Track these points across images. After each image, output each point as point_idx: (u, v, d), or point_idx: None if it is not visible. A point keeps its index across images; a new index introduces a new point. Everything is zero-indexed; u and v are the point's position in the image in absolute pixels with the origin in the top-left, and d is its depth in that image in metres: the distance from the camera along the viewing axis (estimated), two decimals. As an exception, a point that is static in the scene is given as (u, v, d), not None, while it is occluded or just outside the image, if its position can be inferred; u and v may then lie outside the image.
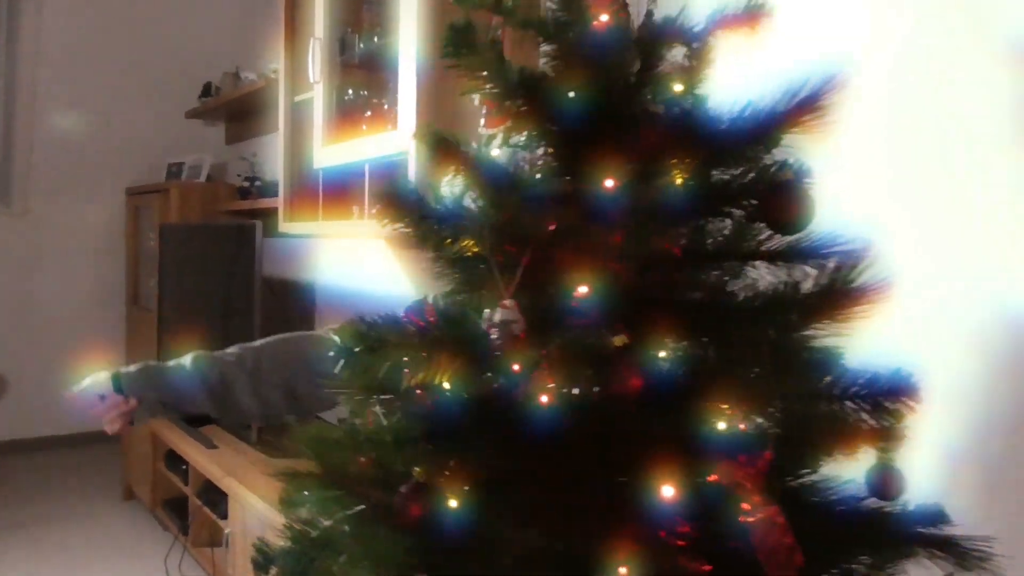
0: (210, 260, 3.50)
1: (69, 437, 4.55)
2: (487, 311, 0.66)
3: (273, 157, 3.89)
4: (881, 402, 0.66)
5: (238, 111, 4.17)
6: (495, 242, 0.63)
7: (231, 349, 1.49)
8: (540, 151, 0.69)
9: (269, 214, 3.43)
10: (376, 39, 2.56)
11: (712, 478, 0.62)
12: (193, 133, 4.63)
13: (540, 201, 0.65)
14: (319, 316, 3.51)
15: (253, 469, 2.74)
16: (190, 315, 3.68)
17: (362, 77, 2.61)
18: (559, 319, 0.64)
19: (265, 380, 1.41)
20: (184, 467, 3.26)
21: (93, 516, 3.85)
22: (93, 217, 4.69)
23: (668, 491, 0.61)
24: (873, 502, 0.71)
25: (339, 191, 2.73)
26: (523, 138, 0.69)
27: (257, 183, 3.92)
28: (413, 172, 2.16)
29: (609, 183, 0.63)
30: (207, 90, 4.34)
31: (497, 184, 0.65)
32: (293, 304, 3.41)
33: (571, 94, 0.66)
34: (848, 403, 0.66)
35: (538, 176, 0.69)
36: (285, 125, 2.91)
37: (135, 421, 1.42)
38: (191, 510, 3.16)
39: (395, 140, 2.27)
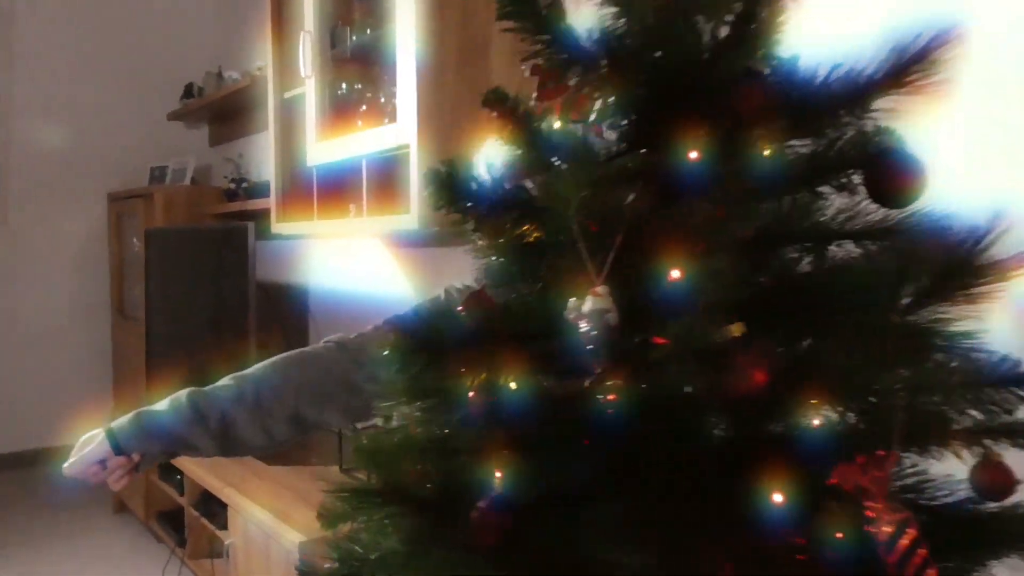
0: (199, 265, 3.41)
1: (54, 450, 4.43)
2: (572, 301, 0.59)
3: (260, 157, 3.81)
4: (994, 394, 0.60)
5: (222, 112, 4.08)
6: (582, 222, 0.57)
7: (225, 381, 1.38)
8: (616, 121, 0.62)
9: (259, 216, 3.34)
10: (369, 31, 2.49)
11: (831, 482, 0.56)
12: (175, 136, 4.53)
13: (629, 175, 0.58)
14: (313, 320, 3.43)
15: (253, 478, 2.66)
16: (179, 322, 3.59)
17: (355, 71, 2.53)
18: (658, 308, 0.57)
19: (268, 413, 1.31)
20: (179, 477, 3.17)
21: (84, 530, 3.74)
22: (73, 225, 4.57)
23: (783, 499, 0.54)
24: (981, 502, 0.65)
25: (334, 189, 2.65)
26: (595, 107, 0.62)
27: (244, 184, 3.83)
28: (415, 165, 2.09)
29: (700, 154, 0.56)
30: (189, 91, 4.24)
31: (580, 158, 0.58)
32: (287, 308, 3.33)
33: (657, 54, 0.59)
34: (967, 394, 0.60)
35: (619, 148, 0.62)
36: (275, 122, 2.83)
37: (139, 470, 1.32)
38: (187, 522, 3.08)
39: (394, 133, 2.20)
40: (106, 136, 4.52)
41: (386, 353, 0.65)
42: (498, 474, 0.58)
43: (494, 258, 0.69)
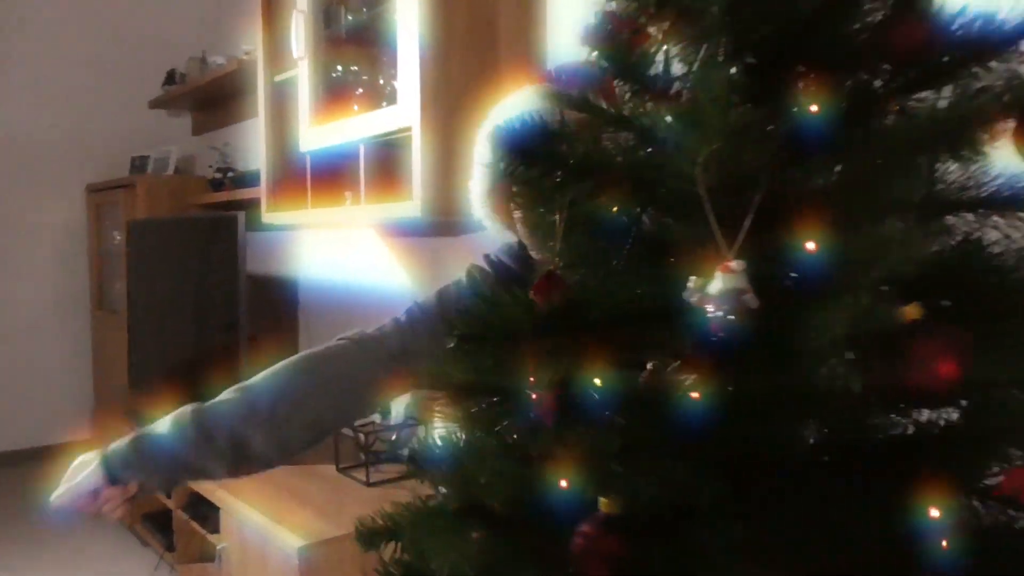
0: (185, 257, 3.27)
1: (33, 451, 4.27)
2: (693, 280, 0.49)
3: (247, 146, 3.68)
4: None
5: (206, 99, 3.93)
6: (710, 185, 0.46)
7: (230, 394, 1.21)
8: (730, 69, 0.52)
9: (246, 206, 3.21)
10: (365, 11, 2.37)
11: (1002, 491, 0.47)
12: (157, 124, 4.37)
13: (766, 126, 0.48)
14: (303, 313, 3.31)
15: (246, 479, 2.54)
16: (164, 316, 3.45)
17: (351, 52, 2.41)
18: (806, 287, 0.47)
19: (285, 423, 1.15)
20: (166, 479, 3.05)
21: (63, 534, 3.60)
22: (51, 217, 4.41)
23: (944, 510, 0.45)
24: None
25: (328, 176, 2.54)
26: (702, 52, 0.52)
27: (231, 174, 3.70)
28: (418, 149, 1.98)
29: (837, 105, 0.47)
30: (171, 78, 4.09)
31: (713, 100, 0.48)
32: (278, 301, 3.21)
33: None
34: None
35: (738, 99, 0.52)
36: (265, 107, 2.70)
37: (137, 499, 1.18)
38: (176, 525, 2.95)
39: (394, 116, 2.09)
40: (85, 125, 4.36)
41: (452, 346, 0.55)
42: (601, 492, 0.48)
43: (558, 234, 0.58)
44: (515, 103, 1.12)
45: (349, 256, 2.96)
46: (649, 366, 0.52)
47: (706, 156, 0.46)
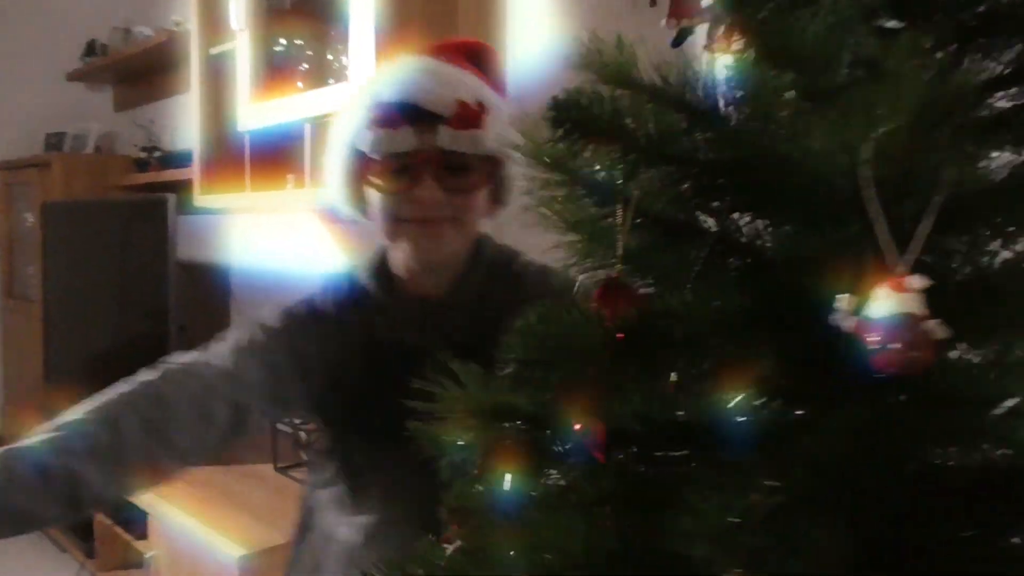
0: (108, 242, 3.05)
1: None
2: (845, 299, 0.39)
3: (176, 124, 3.45)
4: None
5: (131, 72, 3.68)
6: (876, 178, 0.36)
7: (42, 436, 0.94)
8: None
9: (174, 188, 3.01)
10: (312, -20, 2.22)
11: None
12: (74, 99, 4.07)
13: (960, 108, 0.38)
14: (236, 302, 3.13)
15: (175, 481, 2.37)
16: (84, 305, 3.21)
17: (296, 24, 2.25)
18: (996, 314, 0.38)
19: (117, 462, 0.93)
20: (86, 480, 2.84)
21: (-28, 540, 3.34)
22: (-45, 196, 4.07)
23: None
24: None
25: (268, 157, 2.37)
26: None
27: (157, 154, 3.47)
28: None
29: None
30: (91, 49, 3.81)
31: (903, 68, 0.36)
32: (209, 289, 3.01)
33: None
34: None
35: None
36: (200, 82, 2.51)
37: None
38: (97, 531, 2.75)
39: (344, 95, 1.95)
40: (-7, 97, 4.03)
41: (509, 368, 0.44)
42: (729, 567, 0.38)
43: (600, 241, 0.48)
44: (393, 75, 1.00)
45: (286, 242, 2.79)
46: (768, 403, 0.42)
47: (875, 145, 0.36)
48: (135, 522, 2.50)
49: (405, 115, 0.95)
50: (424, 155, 0.96)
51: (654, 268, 0.47)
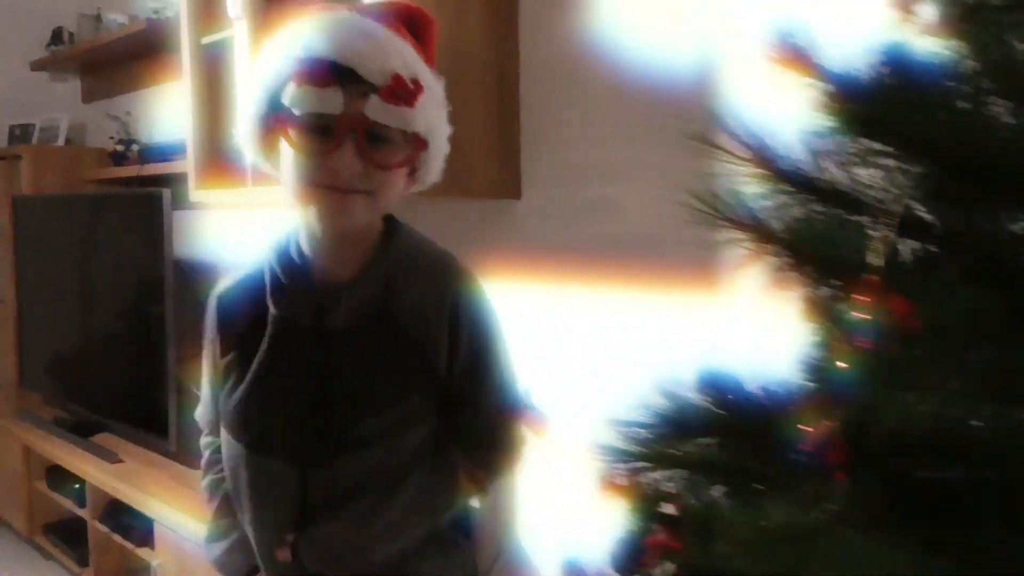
0: (90, 239, 2.93)
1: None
2: None
3: (153, 115, 3.33)
4: None
5: (99, 62, 3.53)
6: None
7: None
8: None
9: (157, 182, 2.91)
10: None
11: None
12: (39, 90, 3.89)
13: None
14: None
15: (180, 487, 2.30)
16: (61, 304, 3.09)
17: (298, 13, 2.18)
18: None
19: None
20: (77, 486, 2.74)
21: (-51, 551, 3.21)
22: (-88, 192, 3.87)
23: None
24: None
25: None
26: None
27: (134, 146, 3.34)
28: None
29: None
30: (58, 37, 3.64)
31: None
32: (200, 288, 2.91)
33: None
34: None
35: None
36: (192, 73, 2.42)
37: None
38: (92, 537, 2.66)
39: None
40: (-49, 87, 3.84)
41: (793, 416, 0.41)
42: None
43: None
44: (327, 28, 0.92)
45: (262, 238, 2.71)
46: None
47: None
48: (134, 528, 2.42)
49: (335, 75, 0.89)
50: (348, 121, 0.90)
51: (918, 278, 0.45)
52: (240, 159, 2.33)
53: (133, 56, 3.27)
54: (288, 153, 0.95)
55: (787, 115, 0.56)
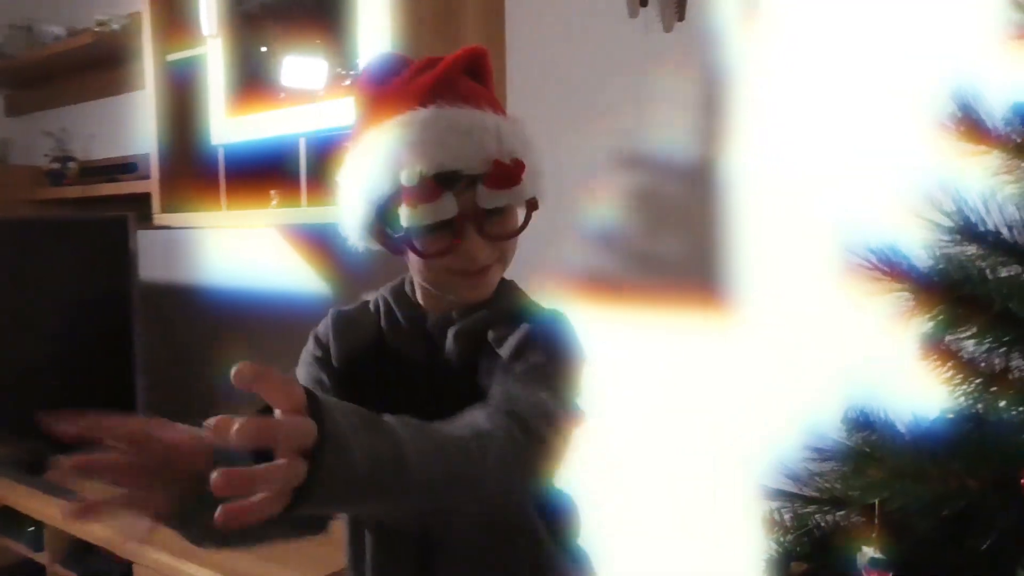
0: (43, 266, 2.75)
1: None
2: None
3: (92, 132, 3.18)
4: None
5: (30, 75, 3.34)
6: None
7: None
8: None
9: (106, 204, 2.78)
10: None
11: None
12: (-44, 102, 3.66)
13: None
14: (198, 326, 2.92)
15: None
16: (13, 335, 2.88)
17: (274, 32, 2.12)
18: None
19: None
20: (31, 529, 2.57)
21: None
22: None
23: None
24: None
25: (244, 173, 2.23)
26: None
27: (71, 164, 3.17)
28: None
29: None
30: (-18, 49, 3.42)
31: None
32: (172, 312, 2.79)
33: None
34: None
35: None
36: (155, 90, 2.32)
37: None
38: (50, 583, 2.49)
39: (345, 110, 1.86)
40: None
41: None
42: None
43: None
44: (417, 138, 0.92)
45: (254, 262, 2.63)
46: None
47: None
48: (107, 573, 2.29)
49: (441, 182, 0.91)
50: (466, 215, 0.93)
51: None
52: (209, 179, 2.25)
53: (71, 69, 3.11)
54: (414, 259, 0.98)
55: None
